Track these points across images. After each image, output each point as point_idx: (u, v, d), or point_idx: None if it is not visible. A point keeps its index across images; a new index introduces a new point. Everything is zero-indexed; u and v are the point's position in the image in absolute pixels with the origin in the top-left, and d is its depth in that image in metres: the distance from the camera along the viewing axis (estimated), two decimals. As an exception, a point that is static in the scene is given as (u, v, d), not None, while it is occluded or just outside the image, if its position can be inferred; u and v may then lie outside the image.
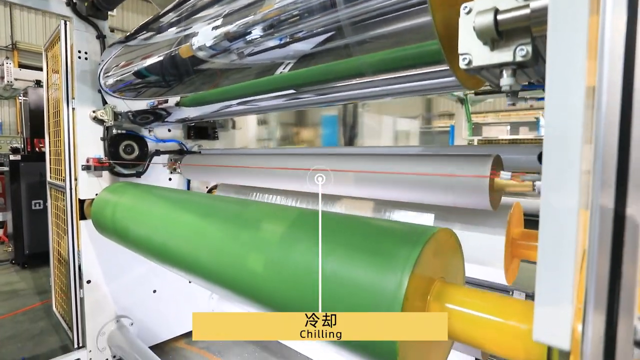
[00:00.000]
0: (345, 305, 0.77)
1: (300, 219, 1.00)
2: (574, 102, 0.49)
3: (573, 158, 0.49)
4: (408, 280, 0.70)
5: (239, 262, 1.02)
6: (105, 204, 1.93)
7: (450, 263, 0.87)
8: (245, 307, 1.11)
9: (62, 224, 2.27)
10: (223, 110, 1.67)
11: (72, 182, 2.13)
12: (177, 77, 1.62)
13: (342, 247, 0.83)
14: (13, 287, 3.74)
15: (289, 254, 0.92)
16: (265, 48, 1.19)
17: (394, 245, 0.77)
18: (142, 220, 1.59)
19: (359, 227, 0.89)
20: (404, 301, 0.69)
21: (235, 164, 2.02)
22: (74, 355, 2.18)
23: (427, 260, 0.76)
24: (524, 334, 0.67)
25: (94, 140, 2.20)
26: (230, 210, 1.21)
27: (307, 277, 0.84)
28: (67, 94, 2.10)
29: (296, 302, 0.85)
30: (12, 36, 10.53)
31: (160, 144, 2.47)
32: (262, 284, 0.94)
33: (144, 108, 1.98)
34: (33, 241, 4.18)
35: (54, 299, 2.78)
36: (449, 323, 0.75)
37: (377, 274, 0.74)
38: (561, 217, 0.51)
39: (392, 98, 1.16)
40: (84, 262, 2.19)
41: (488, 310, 0.72)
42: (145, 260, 2.40)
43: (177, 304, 2.61)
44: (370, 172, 1.39)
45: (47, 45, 2.48)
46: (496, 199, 1.18)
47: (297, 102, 1.36)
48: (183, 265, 1.27)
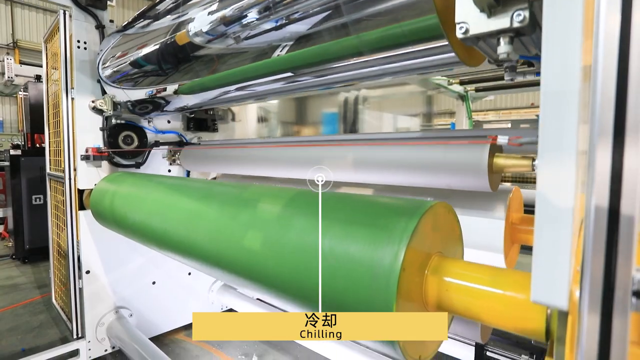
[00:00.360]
0: (343, 279, 0.76)
1: (298, 197, 0.99)
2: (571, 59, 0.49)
3: (570, 113, 0.48)
4: (405, 251, 0.70)
5: (236, 241, 1.01)
6: (104, 193, 1.93)
7: (448, 238, 0.86)
8: (244, 289, 1.10)
9: (62, 215, 2.27)
10: (222, 97, 1.66)
11: (71, 172, 2.13)
12: (175, 64, 1.62)
13: (340, 222, 0.82)
14: (13, 281, 3.75)
15: (287, 231, 0.91)
16: (262, 31, 1.18)
17: (391, 218, 0.77)
18: (140, 207, 1.59)
19: (356, 203, 0.88)
20: (400, 272, 0.69)
21: (235, 154, 2.02)
22: (73, 345, 2.17)
23: (424, 232, 0.75)
24: (523, 304, 0.66)
25: (93, 130, 2.20)
26: (228, 193, 1.21)
27: (305, 253, 0.83)
28: (66, 84, 2.09)
29: (294, 278, 0.85)
30: (13, 34, 10.55)
31: (160, 135, 2.47)
32: (259, 262, 0.94)
33: (143, 97, 1.97)
34: (33, 236, 4.19)
35: (54, 291, 2.78)
36: (448, 296, 0.75)
37: (374, 247, 0.73)
38: (558, 177, 0.51)
39: (391, 78, 1.15)
40: (83, 253, 2.19)
41: (486, 282, 0.72)
42: (144, 252, 2.42)
43: (177, 296, 2.60)
44: (369, 157, 1.39)
45: (46, 36, 2.48)
46: (495, 180, 1.17)
47: (295, 86, 1.36)
48: (181, 248, 1.27)
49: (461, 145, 1.17)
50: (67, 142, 2.11)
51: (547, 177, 0.51)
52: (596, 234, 0.48)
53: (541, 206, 0.51)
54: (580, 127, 0.50)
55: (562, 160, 0.50)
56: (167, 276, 2.54)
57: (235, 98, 1.65)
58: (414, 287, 0.75)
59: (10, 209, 4.57)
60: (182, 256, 1.30)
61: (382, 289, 0.69)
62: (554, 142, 0.49)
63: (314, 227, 0.85)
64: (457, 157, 1.17)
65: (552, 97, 0.49)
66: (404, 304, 0.71)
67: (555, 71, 0.49)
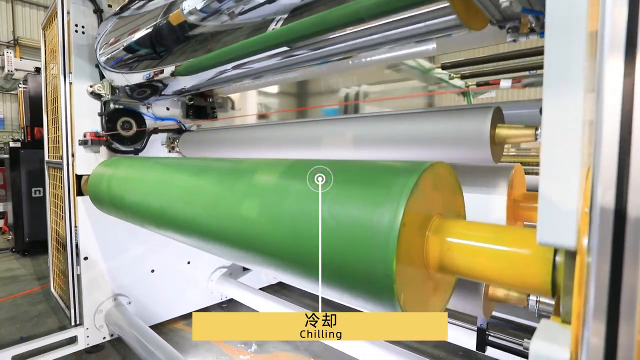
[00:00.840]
0: (342, 239, 0.74)
1: (296, 165, 0.97)
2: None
3: (578, 41, 0.46)
4: (405, 207, 0.67)
5: (233, 210, 0.99)
6: (101, 177, 1.91)
7: (449, 201, 0.84)
8: (242, 261, 1.08)
9: (60, 203, 2.26)
10: (219, 77, 1.64)
11: (69, 157, 2.11)
12: (170, 45, 1.61)
13: (337, 183, 0.80)
14: (13, 273, 3.74)
15: (284, 197, 0.89)
16: (256, 4, 1.17)
17: (390, 176, 0.74)
18: (137, 187, 1.57)
19: (353, 166, 0.86)
20: (400, 227, 0.66)
21: (234, 136, 2.00)
22: (71, 332, 2.16)
23: (424, 190, 0.73)
24: (528, 259, 0.64)
25: (92, 116, 2.18)
26: (224, 166, 1.19)
27: (302, 215, 0.81)
28: (64, 68, 2.08)
29: (292, 242, 0.83)
30: (14, 32, 10.55)
31: (159, 122, 2.45)
32: (257, 229, 0.92)
33: (141, 81, 1.96)
34: (33, 229, 4.17)
35: (52, 279, 2.76)
36: (450, 256, 0.72)
37: (373, 204, 0.71)
38: (565, 112, 0.48)
39: (389, 47, 1.13)
40: (81, 239, 2.17)
41: (489, 240, 0.70)
42: (143, 239, 2.40)
43: (176, 285, 2.59)
44: (368, 133, 1.37)
45: (44, 23, 2.46)
46: (498, 151, 1.15)
47: (292, 60, 1.34)
48: (179, 224, 1.25)
49: (462, 117, 1.15)
50: (64, 127, 2.10)
51: (553, 112, 0.48)
52: (605, 171, 0.46)
53: (547, 143, 0.49)
54: (588, 62, 0.48)
55: (569, 92, 0.47)
56: (166, 264, 2.52)
57: (232, 77, 1.63)
58: (415, 247, 0.73)
59: (10, 203, 4.56)
60: (179, 233, 1.28)
61: (382, 246, 0.67)
62: (560, 73, 0.47)
63: (312, 191, 0.83)
64: (458, 128, 1.14)
65: (557, 25, 0.47)
66: (404, 264, 0.69)
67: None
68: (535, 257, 0.63)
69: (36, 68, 4.82)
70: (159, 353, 1.88)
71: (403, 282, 0.69)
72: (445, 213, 0.80)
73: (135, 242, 2.38)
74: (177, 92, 2.03)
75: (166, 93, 2.04)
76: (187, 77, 1.76)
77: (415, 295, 0.74)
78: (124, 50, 1.84)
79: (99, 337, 2.25)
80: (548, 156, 0.49)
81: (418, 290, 0.76)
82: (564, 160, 0.48)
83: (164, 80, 1.86)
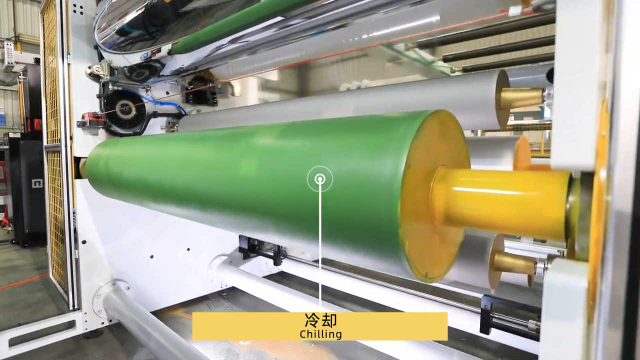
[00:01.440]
0: (345, 188, 0.71)
1: (294, 125, 0.94)
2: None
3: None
4: (409, 150, 0.64)
5: (231, 172, 0.97)
6: (98, 158, 1.88)
7: (454, 152, 0.81)
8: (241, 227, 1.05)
9: (59, 188, 2.23)
10: (216, 53, 1.62)
11: (67, 140, 2.09)
12: (165, 22, 1.61)
13: (338, 133, 0.77)
14: (12, 263, 3.72)
15: (283, 153, 0.86)
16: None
17: (393, 123, 0.71)
18: (135, 164, 1.54)
19: (355, 119, 0.83)
20: (405, 169, 0.63)
21: (235, 116, 1.97)
22: (69, 316, 2.13)
23: (429, 137, 0.70)
24: (539, 201, 0.61)
25: (90, 98, 2.16)
26: (222, 133, 1.16)
27: (302, 168, 0.78)
28: (62, 49, 2.06)
29: (292, 195, 0.80)
30: (15, 28, 10.56)
31: (158, 106, 2.42)
32: (255, 187, 0.89)
33: (139, 62, 1.93)
34: (33, 220, 4.15)
35: (51, 266, 2.74)
36: (457, 204, 0.69)
37: (376, 149, 0.68)
38: (580, 26, 0.45)
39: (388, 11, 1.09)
40: (79, 223, 2.15)
41: (497, 185, 0.67)
42: (142, 224, 2.37)
43: (175, 272, 2.56)
44: (370, 103, 1.34)
45: (43, 6, 2.44)
46: (503, 116, 1.12)
47: (288, 31, 1.31)
48: (177, 195, 1.22)
49: (467, 82, 1.12)
50: (63, 109, 2.07)
51: (568, 25, 0.45)
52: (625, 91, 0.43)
53: (561, 58, 0.46)
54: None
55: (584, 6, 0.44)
56: (165, 251, 2.50)
57: (229, 53, 1.61)
58: (420, 197, 0.70)
59: (10, 196, 4.54)
60: (178, 204, 1.26)
61: (386, 190, 0.64)
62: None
63: (311, 144, 0.81)
64: (463, 94, 1.11)
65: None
66: (409, 210, 0.66)
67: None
68: (548, 199, 0.60)
69: (36, 59, 4.80)
70: (160, 337, 1.85)
71: (408, 230, 0.66)
72: (450, 165, 0.77)
73: (135, 227, 2.35)
74: (176, 72, 2.00)
75: (165, 74, 2.01)
76: (184, 55, 1.74)
77: (420, 249, 0.71)
78: (120, 30, 1.83)
79: (97, 322, 2.22)
80: (563, 72, 0.45)
81: (423, 243, 0.73)
82: (580, 75, 0.45)
83: (162, 59, 1.84)
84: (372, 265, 0.75)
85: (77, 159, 2.12)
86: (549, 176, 0.62)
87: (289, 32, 1.34)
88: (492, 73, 1.07)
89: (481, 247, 1.02)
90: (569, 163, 0.46)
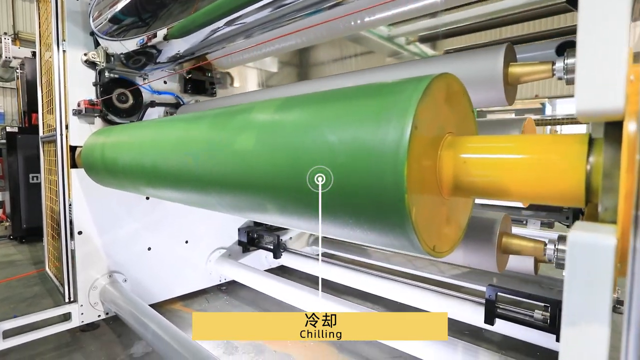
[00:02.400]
0: (347, 155, 0.66)
1: (292, 99, 0.90)
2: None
3: None
4: (415, 111, 0.60)
5: (228, 148, 0.93)
6: (94, 146, 1.84)
7: (462, 120, 0.76)
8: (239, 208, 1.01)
9: (55, 178, 2.19)
10: (212, 37, 1.58)
11: (62, 129, 2.05)
12: (159, 6, 1.58)
13: (340, 100, 0.73)
14: (10, 258, 3.68)
15: (281, 125, 0.82)
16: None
17: (398, 86, 0.67)
18: (130, 149, 1.50)
19: (359, 86, 0.79)
20: (412, 130, 0.59)
21: (234, 102, 1.93)
22: (65, 308, 2.09)
23: (435, 100, 0.66)
24: (557, 163, 0.57)
25: (87, 86, 2.12)
26: (217, 112, 1.12)
27: (302, 139, 0.74)
28: (57, 36, 2.01)
29: (290, 169, 0.76)
30: (14, 26, 10.52)
31: (156, 96, 2.38)
32: (253, 161, 0.85)
33: (135, 48, 1.89)
34: (31, 215, 4.11)
35: (47, 259, 2.70)
36: (466, 171, 0.65)
37: (380, 111, 0.64)
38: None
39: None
40: (75, 213, 2.10)
41: (509, 150, 0.62)
42: (139, 216, 2.33)
43: (173, 264, 2.52)
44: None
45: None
46: (511, 92, 1.07)
47: (284, 11, 1.27)
48: (173, 176, 1.18)
49: (473, 57, 1.08)
50: (58, 97, 2.03)
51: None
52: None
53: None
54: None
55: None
56: (163, 243, 2.45)
57: (225, 36, 1.57)
58: (427, 164, 0.65)
59: (7, 192, 4.49)
60: (174, 187, 1.22)
61: (391, 153, 0.60)
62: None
63: (311, 113, 0.76)
64: (469, 69, 1.07)
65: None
66: (416, 176, 0.62)
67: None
68: (566, 160, 0.56)
69: (33, 52, 4.75)
70: (158, 329, 1.81)
71: (415, 198, 0.61)
72: (458, 133, 0.73)
73: (131, 218, 2.31)
74: (172, 59, 1.96)
75: (161, 60, 1.97)
76: (180, 40, 1.70)
77: (427, 220, 0.67)
78: (116, 16, 1.79)
79: (93, 314, 2.18)
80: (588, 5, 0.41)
81: (431, 214, 0.68)
82: (607, 10, 0.40)
83: (158, 45, 1.80)
84: (376, 239, 0.71)
85: (72, 148, 2.08)
86: (567, 137, 0.57)
87: (284, 12, 1.30)
88: (499, 47, 1.03)
89: (488, 229, 0.98)
90: (596, 107, 0.42)
